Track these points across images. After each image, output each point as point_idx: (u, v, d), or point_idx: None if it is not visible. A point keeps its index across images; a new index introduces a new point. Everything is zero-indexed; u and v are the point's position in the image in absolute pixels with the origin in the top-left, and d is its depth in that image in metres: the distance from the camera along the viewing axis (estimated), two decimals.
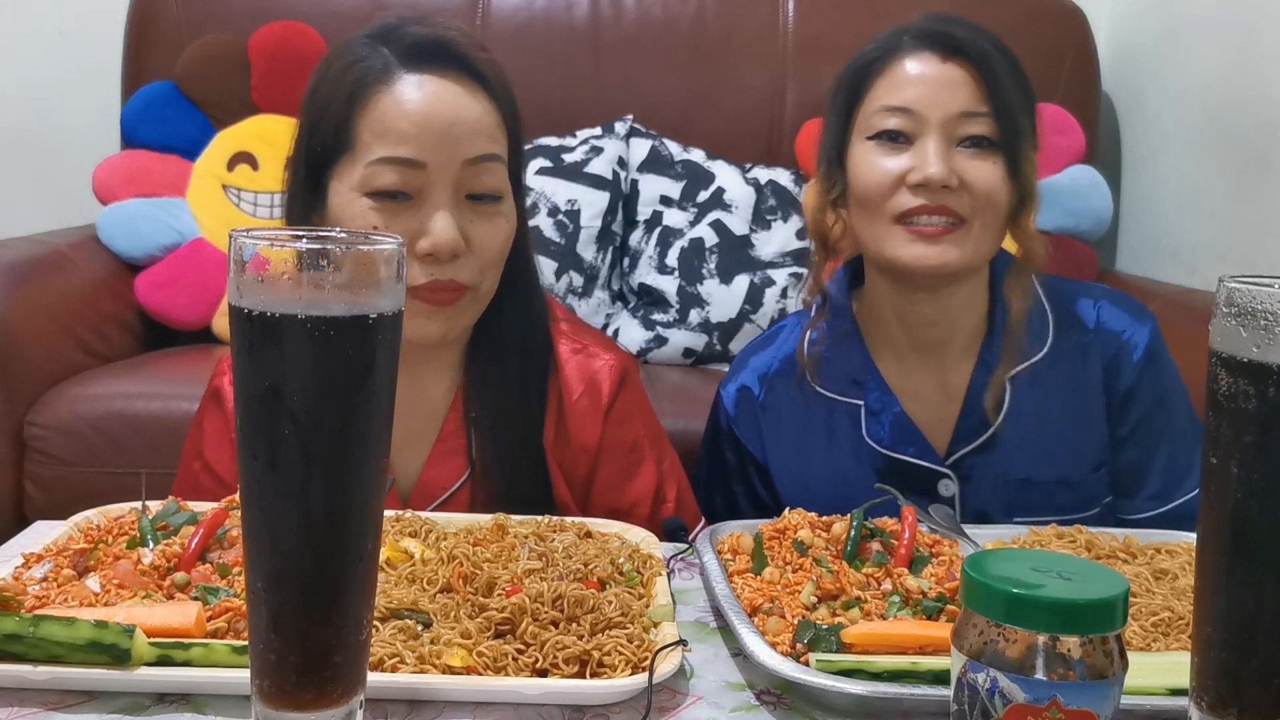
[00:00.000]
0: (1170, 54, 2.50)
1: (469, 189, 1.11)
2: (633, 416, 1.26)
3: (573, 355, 1.25)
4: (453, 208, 1.10)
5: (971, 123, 1.20)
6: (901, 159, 1.22)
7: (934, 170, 1.19)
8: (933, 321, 1.29)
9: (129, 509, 1.02)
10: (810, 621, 0.85)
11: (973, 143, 1.21)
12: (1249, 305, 0.61)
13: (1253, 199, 2.19)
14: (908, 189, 1.21)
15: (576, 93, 2.53)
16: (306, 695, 0.65)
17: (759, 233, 2.38)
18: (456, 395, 1.22)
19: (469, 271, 1.11)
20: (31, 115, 2.76)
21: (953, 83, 1.21)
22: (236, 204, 2.36)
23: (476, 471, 1.18)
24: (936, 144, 1.20)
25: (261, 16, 2.47)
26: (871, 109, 1.25)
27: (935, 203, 1.20)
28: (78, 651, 0.75)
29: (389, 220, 1.08)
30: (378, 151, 1.08)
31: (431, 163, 1.08)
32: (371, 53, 1.12)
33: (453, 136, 1.09)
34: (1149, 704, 0.78)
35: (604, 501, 1.23)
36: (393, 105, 1.09)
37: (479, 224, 1.12)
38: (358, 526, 0.65)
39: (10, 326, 1.89)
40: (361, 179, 1.09)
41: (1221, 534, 0.64)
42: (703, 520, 1.30)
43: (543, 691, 0.77)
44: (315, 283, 0.61)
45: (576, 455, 1.22)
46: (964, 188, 1.20)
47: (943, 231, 1.20)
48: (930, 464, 1.28)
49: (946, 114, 1.20)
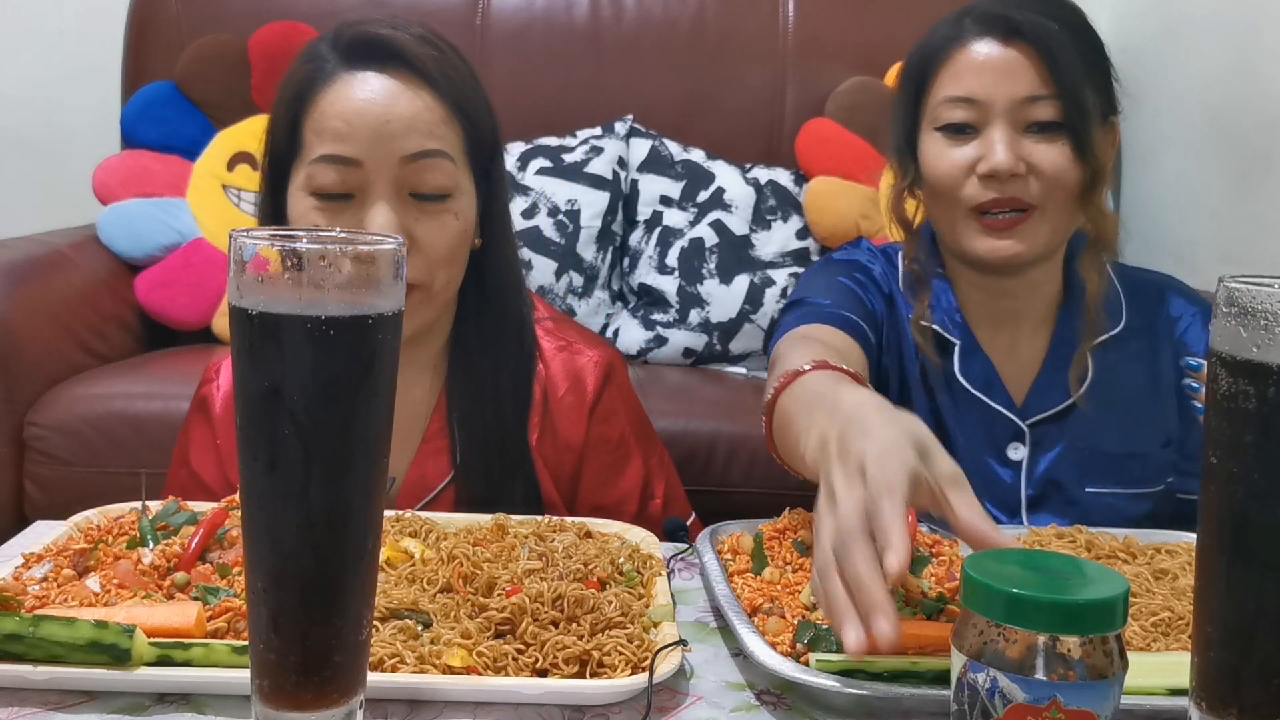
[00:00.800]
0: (1170, 54, 2.50)
1: (411, 187, 1.10)
2: (618, 413, 1.26)
3: (557, 352, 1.25)
4: (394, 205, 1.09)
5: (1036, 107, 1.20)
6: (969, 149, 1.22)
7: (1000, 160, 1.19)
8: (1010, 294, 1.31)
9: (129, 509, 1.02)
10: (810, 621, 0.85)
11: (1039, 128, 1.21)
12: (1249, 305, 0.61)
13: (1253, 199, 2.19)
14: (978, 179, 1.21)
15: (576, 93, 2.53)
16: (306, 695, 0.65)
17: (759, 233, 2.38)
18: (440, 395, 1.22)
19: (414, 270, 1.09)
20: (31, 115, 2.76)
21: (1015, 68, 1.20)
22: (236, 204, 2.36)
23: (461, 470, 1.18)
24: (1002, 132, 1.20)
25: (261, 16, 2.47)
26: (937, 99, 1.25)
27: (1005, 194, 1.20)
28: (78, 651, 0.75)
29: (331, 219, 1.09)
30: (318, 150, 1.09)
31: (368, 160, 1.08)
32: (321, 54, 1.13)
33: (387, 134, 1.08)
34: (1149, 704, 0.78)
35: (590, 498, 1.23)
36: (329, 105, 1.10)
37: (424, 222, 1.11)
38: (358, 526, 0.65)
39: (10, 326, 1.89)
40: (305, 178, 1.10)
41: (1221, 534, 0.64)
42: (693, 515, 1.30)
43: (543, 691, 0.77)
44: (315, 283, 0.61)
45: (562, 453, 1.22)
46: (1032, 173, 1.20)
47: (1014, 222, 1.21)
48: (1014, 416, 1.29)
49: (1010, 100, 1.20)
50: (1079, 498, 1.27)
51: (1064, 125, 1.20)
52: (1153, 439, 1.30)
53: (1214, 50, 2.33)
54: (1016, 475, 1.29)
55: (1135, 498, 1.28)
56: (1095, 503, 1.26)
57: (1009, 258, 1.23)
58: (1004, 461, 1.30)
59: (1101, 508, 1.26)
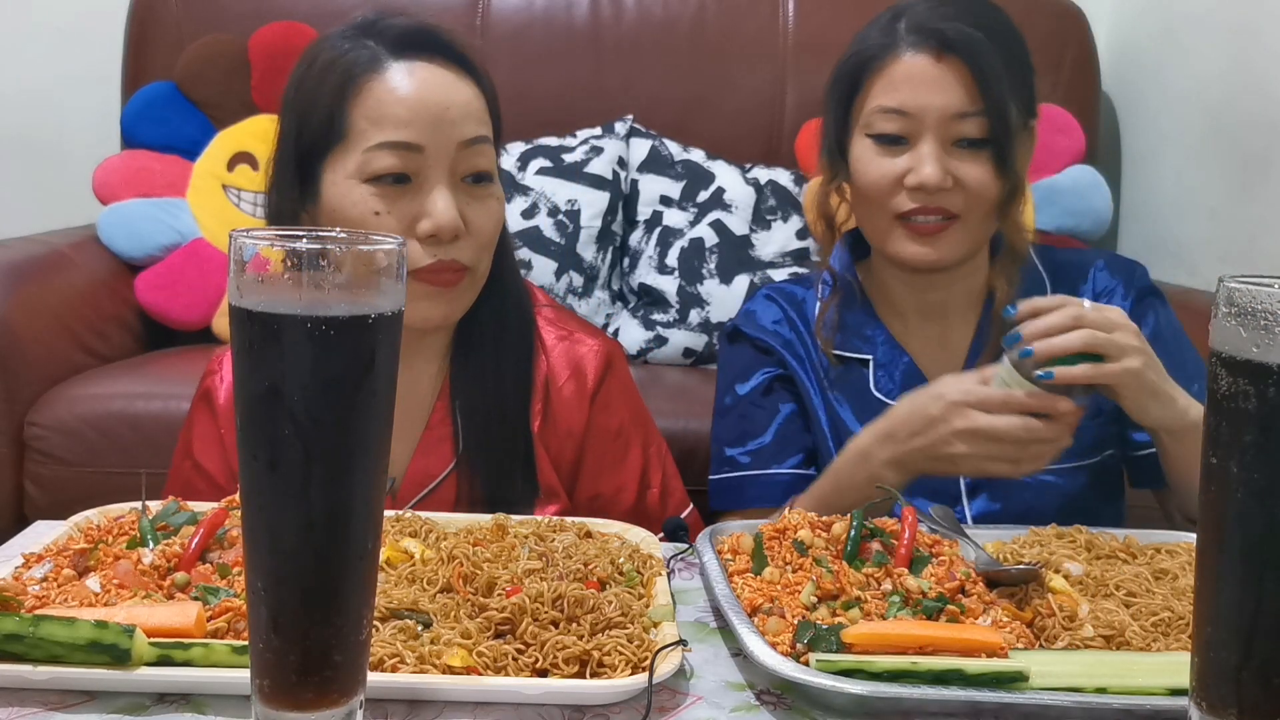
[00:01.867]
0: (1170, 54, 2.50)
1: (464, 170, 1.14)
2: (618, 402, 1.28)
3: (558, 342, 1.27)
4: (451, 189, 1.13)
5: (965, 123, 1.24)
6: (899, 161, 1.26)
7: (929, 175, 1.23)
8: (936, 287, 1.34)
9: (129, 509, 1.02)
10: (810, 621, 0.85)
11: (967, 143, 1.24)
12: (1249, 305, 0.61)
13: (1253, 199, 2.19)
14: (906, 190, 1.25)
15: (576, 93, 2.53)
16: (306, 695, 0.65)
17: (759, 233, 2.38)
18: (443, 384, 1.23)
19: (468, 252, 1.14)
20: (31, 115, 2.76)
21: (947, 83, 1.23)
22: (236, 204, 2.36)
23: (464, 459, 1.20)
24: (931, 146, 1.24)
25: (261, 16, 2.46)
26: (870, 107, 1.28)
27: (931, 204, 1.25)
28: (78, 651, 0.75)
29: (390, 204, 1.11)
30: (375, 137, 1.11)
31: (429, 145, 1.11)
32: (356, 45, 1.14)
33: (447, 120, 1.12)
34: (1149, 704, 0.78)
35: (590, 486, 1.24)
36: (387, 92, 1.12)
37: (474, 205, 1.15)
38: (358, 526, 0.65)
39: (10, 326, 1.89)
40: (359, 165, 1.11)
41: (1221, 534, 0.64)
42: (690, 506, 1.32)
43: (543, 691, 0.77)
44: (315, 283, 0.61)
45: (563, 440, 1.24)
46: (958, 186, 1.24)
47: (938, 229, 1.26)
48: None
49: (941, 115, 1.24)
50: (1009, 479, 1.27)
51: (989, 141, 1.24)
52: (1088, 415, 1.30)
53: (1214, 50, 2.33)
54: None
55: (1071, 472, 1.29)
56: (1029, 481, 1.27)
57: (932, 262, 1.27)
58: None
59: (1036, 485, 1.28)
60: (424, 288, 1.12)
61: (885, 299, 1.38)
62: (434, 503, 1.19)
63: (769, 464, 1.35)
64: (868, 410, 1.31)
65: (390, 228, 1.11)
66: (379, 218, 1.11)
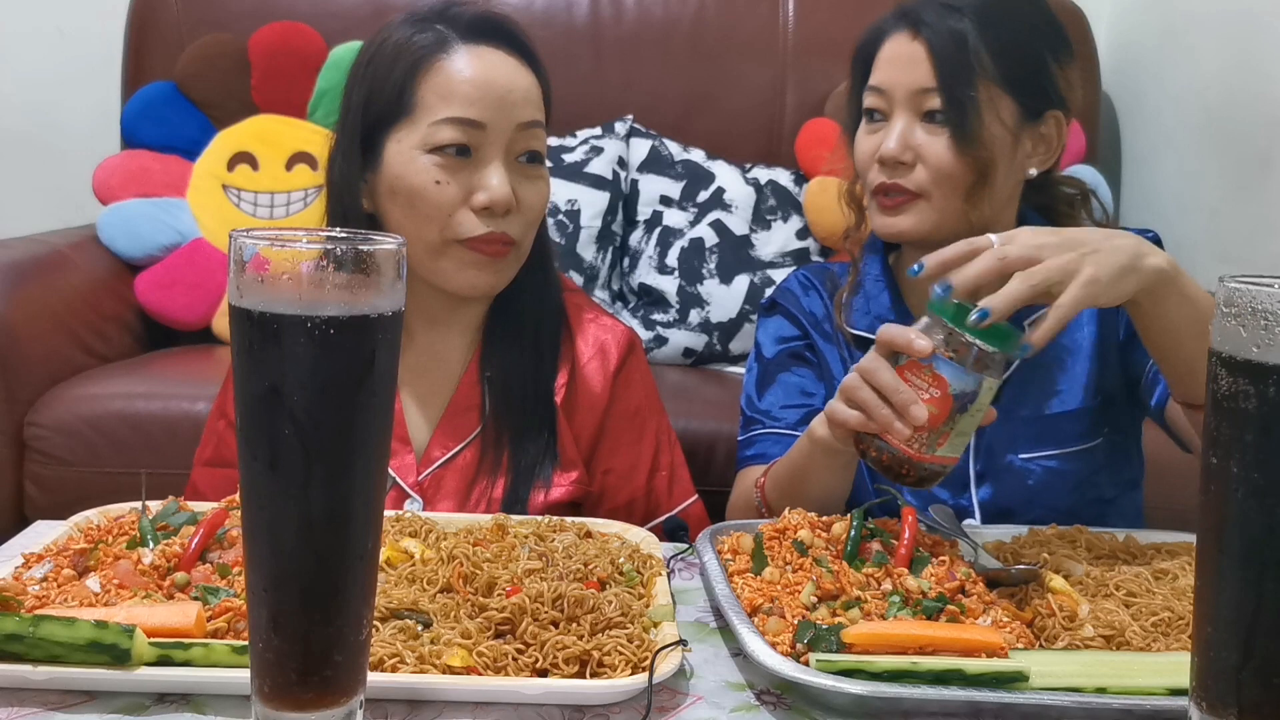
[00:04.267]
0: (1170, 54, 2.50)
1: (519, 150, 1.22)
2: (637, 383, 1.34)
3: (586, 322, 1.34)
4: (507, 166, 1.20)
5: (928, 98, 1.26)
6: (876, 137, 1.30)
7: (887, 147, 1.27)
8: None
9: (129, 509, 1.03)
10: (810, 621, 0.85)
11: (930, 117, 1.27)
12: (1249, 305, 0.61)
13: (1253, 199, 2.19)
14: (878, 164, 1.29)
15: (576, 93, 2.52)
16: (306, 695, 0.65)
17: (759, 233, 2.38)
18: (474, 355, 1.29)
19: (517, 227, 1.22)
20: (31, 115, 2.76)
21: (914, 60, 1.27)
22: (236, 204, 2.36)
23: (489, 425, 1.25)
24: (900, 121, 1.28)
25: (261, 16, 2.46)
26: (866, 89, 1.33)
27: (890, 179, 1.29)
28: (78, 651, 0.75)
29: (450, 175, 1.18)
30: (442, 112, 1.18)
31: (490, 123, 1.19)
32: (426, 29, 1.22)
33: (509, 102, 1.20)
34: (1149, 704, 0.78)
35: (605, 460, 1.29)
36: (455, 72, 1.20)
37: (526, 184, 1.22)
38: (358, 526, 0.65)
39: (10, 326, 1.89)
40: (423, 137, 1.19)
41: (1221, 534, 0.64)
42: (695, 495, 1.34)
43: (543, 691, 0.77)
44: (315, 283, 0.61)
45: (585, 414, 1.29)
46: (920, 161, 1.27)
47: (900, 202, 1.29)
48: None
49: (908, 91, 1.27)
50: (1015, 465, 1.28)
51: (947, 117, 1.26)
52: (1086, 395, 1.31)
53: (1214, 50, 2.33)
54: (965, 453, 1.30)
55: (1073, 456, 1.29)
56: (1035, 468, 1.28)
57: (897, 234, 1.31)
58: None
59: (1041, 471, 1.28)
60: (474, 256, 1.20)
61: (909, 283, 1.38)
62: (457, 470, 1.23)
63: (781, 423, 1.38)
64: None
65: (449, 196, 1.18)
66: (439, 186, 1.18)
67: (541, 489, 1.22)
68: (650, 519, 1.29)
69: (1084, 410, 1.30)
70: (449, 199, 1.18)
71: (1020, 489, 1.28)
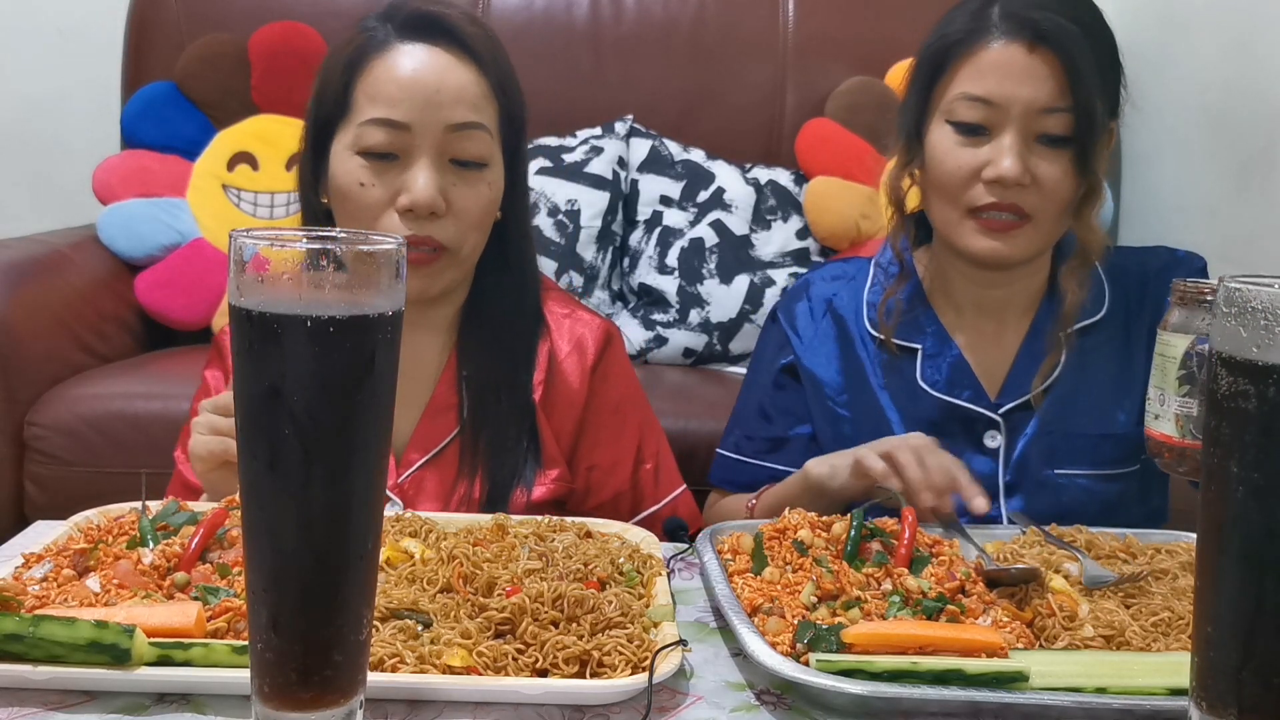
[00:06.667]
0: (1170, 54, 2.50)
1: (452, 153, 1.18)
2: (616, 377, 1.32)
3: (562, 318, 1.32)
4: (435, 169, 1.17)
5: (1050, 119, 1.20)
6: (980, 152, 1.22)
7: (1009, 170, 1.19)
8: (997, 284, 1.32)
9: (129, 509, 1.02)
10: (810, 621, 0.85)
11: (1049, 140, 1.21)
12: (1249, 305, 0.61)
13: (1253, 199, 2.19)
14: (982, 183, 1.22)
15: (576, 93, 2.53)
16: (306, 695, 0.65)
17: (759, 233, 2.38)
18: (450, 356, 1.27)
19: (448, 232, 1.18)
20: (31, 115, 2.76)
21: (1036, 75, 1.19)
22: (236, 204, 2.36)
23: (467, 426, 1.23)
24: (1013, 140, 1.20)
25: (261, 16, 2.46)
26: (954, 92, 1.24)
27: (1006, 200, 1.21)
28: (78, 651, 0.75)
29: (376, 177, 1.16)
30: (369, 113, 1.17)
31: (416, 125, 1.16)
32: (374, 26, 1.21)
33: (436, 103, 1.16)
34: (1149, 704, 0.78)
35: (588, 457, 1.28)
36: (384, 71, 1.17)
37: (460, 187, 1.18)
38: (358, 526, 0.65)
39: (10, 326, 1.89)
40: (354, 138, 1.17)
41: (1221, 534, 0.64)
42: (683, 486, 1.34)
43: (543, 691, 0.77)
44: (315, 283, 0.61)
45: (564, 410, 1.28)
46: (1034, 184, 1.21)
47: (1010, 226, 1.22)
48: (983, 409, 1.29)
49: (1027, 108, 1.20)
50: (1049, 479, 1.28)
51: (1073, 140, 1.20)
52: (1129, 418, 1.29)
53: (1214, 50, 2.33)
54: (994, 463, 1.29)
55: (1108, 479, 1.28)
56: (1067, 484, 1.27)
57: (1001, 259, 1.24)
58: (981, 450, 1.30)
59: (1073, 489, 1.27)
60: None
61: (942, 289, 1.35)
62: (436, 472, 1.22)
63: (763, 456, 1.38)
64: (911, 399, 1.31)
65: (374, 198, 1.16)
66: (364, 189, 1.17)
67: (523, 489, 1.21)
68: (638, 512, 1.28)
69: (1125, 435, 1.28)
70: (374, 200, 1.16)
71: (1050, 504, 1.25)
